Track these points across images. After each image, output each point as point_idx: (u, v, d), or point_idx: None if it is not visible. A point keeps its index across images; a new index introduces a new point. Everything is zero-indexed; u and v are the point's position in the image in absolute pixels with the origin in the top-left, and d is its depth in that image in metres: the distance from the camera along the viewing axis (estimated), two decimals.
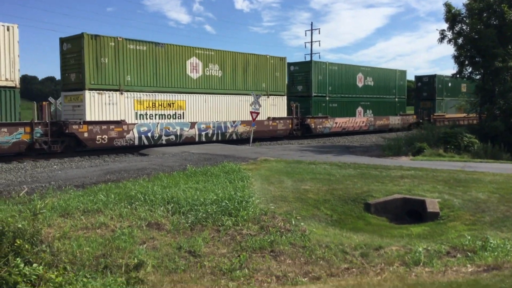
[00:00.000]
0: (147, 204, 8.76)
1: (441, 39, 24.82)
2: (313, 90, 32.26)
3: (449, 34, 24.74)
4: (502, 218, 8.66)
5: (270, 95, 28.83)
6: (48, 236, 6.76)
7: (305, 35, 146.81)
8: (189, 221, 7.92)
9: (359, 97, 36.20)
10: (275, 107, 29.33)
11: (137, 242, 6.96)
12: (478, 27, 22.79)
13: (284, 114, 30.04)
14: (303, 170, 13.38)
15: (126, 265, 6.07)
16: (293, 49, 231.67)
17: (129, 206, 8.60)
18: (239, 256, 6.66)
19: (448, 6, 24.41)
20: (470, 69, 25.55)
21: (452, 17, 24.33)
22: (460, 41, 24.51)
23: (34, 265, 5.58)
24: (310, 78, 32.33)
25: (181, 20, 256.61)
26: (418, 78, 46.33)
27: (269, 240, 7.18)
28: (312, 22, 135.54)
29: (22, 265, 5.44)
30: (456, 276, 5.57)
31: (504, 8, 21.99)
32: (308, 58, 59.45)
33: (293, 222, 8.10)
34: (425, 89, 45.03)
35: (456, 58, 24.80)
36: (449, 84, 45.40)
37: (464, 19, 24.08)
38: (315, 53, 69.11)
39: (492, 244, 6.69)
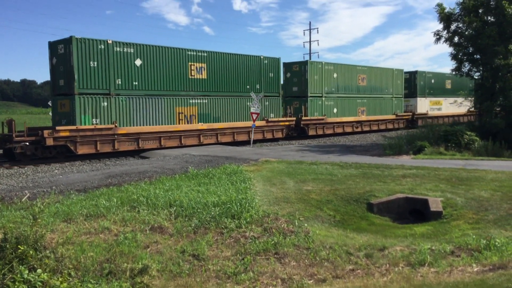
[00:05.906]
0: (149, 207, 8.74)
1: (437, 40, 24.68)
2: None
3: (444, 34, 24.61)
4: (506, 217, 8.63)
5: None
6: (51, 242, 6.74)
7: (304, 34, 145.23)
8: (192, 224, 7.89)
9: None
10: None
11: (140, 246, 6.94)
12: (475, 24, 22.59)
13: None
14: (304, 171, 13.36)
15: (131, 270, 6.05)
16: (291, 49, 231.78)
17: (131, 210, 8.59)
18: (243, 259, 6.64)
19: (440, 7, 24.28)
20: (468, 67, 25.44)
21: (446, 17, 24.21)
22: (456, 39, 24.39)
23: (38, 271, 5.55)
24: None
25: (180, 22, 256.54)
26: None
27: (273, 242, 7.15)
28: (310, 22, 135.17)
29: (26, 271, 5.42)
30: (462, 276, 5.55)
31: (505, 4, 21.72)
32: (307, 58, 58.56)
33: (296, 224, 8.07)
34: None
35: (454, 56, 24.72)
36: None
37: (460, 17, 23.91)
38: (314, 53, 68.84)
39: (497, 243, 6.67)
